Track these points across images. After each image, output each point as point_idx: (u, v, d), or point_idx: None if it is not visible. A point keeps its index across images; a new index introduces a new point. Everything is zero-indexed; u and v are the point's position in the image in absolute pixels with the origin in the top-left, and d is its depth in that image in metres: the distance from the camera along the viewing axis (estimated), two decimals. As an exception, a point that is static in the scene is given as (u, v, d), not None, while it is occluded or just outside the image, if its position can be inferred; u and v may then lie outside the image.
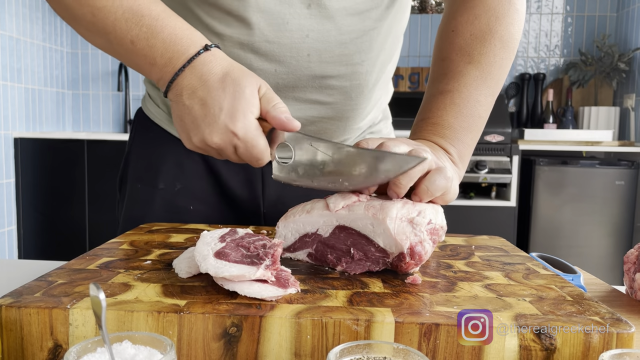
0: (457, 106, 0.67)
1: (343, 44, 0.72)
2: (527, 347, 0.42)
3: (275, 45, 0.70)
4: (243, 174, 0.82)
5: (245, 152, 0.57)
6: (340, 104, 0.77)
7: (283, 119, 0.55)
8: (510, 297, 0.49)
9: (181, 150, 0.80)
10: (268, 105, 0.56)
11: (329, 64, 0.73)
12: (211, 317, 0.43)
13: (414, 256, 0.53)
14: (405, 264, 0.53)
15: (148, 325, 0.43)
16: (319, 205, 0.58)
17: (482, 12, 0.70)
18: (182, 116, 0.58)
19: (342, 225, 0.56)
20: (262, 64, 0.72)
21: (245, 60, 0.71)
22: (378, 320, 0.42)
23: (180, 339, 0.43)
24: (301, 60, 0.72)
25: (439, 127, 0.67)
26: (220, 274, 0.46)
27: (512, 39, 0.71)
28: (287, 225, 0.59)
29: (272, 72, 0.72)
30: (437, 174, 0.56)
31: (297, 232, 0.59)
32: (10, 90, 2.83)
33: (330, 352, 0.37)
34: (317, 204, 0.59)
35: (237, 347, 0.43)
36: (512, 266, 0.60)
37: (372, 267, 0.55)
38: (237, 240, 0.54)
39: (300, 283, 0.50)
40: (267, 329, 0.43)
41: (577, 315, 0.45)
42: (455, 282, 0.53)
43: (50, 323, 0.43)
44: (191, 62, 0.57)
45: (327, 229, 0.57)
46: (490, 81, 0.69)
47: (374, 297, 0.48)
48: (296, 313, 0.43)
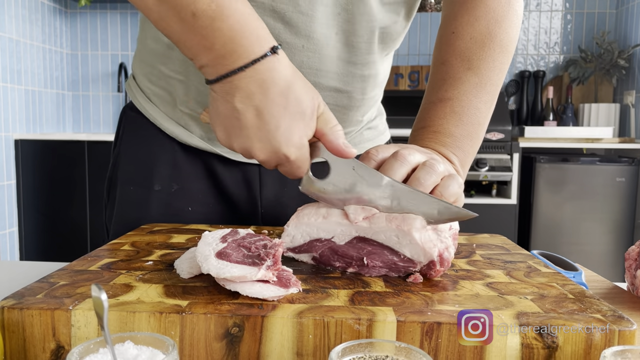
0: (458, 114, 0.67)
1: (371, 31, 0.72)
2: (529, 345, 0.42)
3: (308, 18, 0.68)
4: (241, 174, 0.81)
5: (286, 170, 0.56)
6: (356, 92, 0.76)
7: (341, 145, 0.53)
8: (512, 295, 0.49)
9: (176, 149, 0.79)
10: (325, 126, 0.54)
11: (354, 48, 0.72)
12: (213, 317, 0.43)
13: (443, 263, 0.53)
14: (435, 271, 0.53)
15: (150, 326, 0.43)
16: (336, 213, 0.57)
17: (483, 14, 0.70)
18: (227, 116, 0.53)
19: (362, 237, 0.56)
20: (291, 38, 0.69)
21: (273, 30, 0.67)
22: (380, 320, 0.43)
23: (183, 339, 0.43)
24: (330, 39, 0.70)
25: (440, 136, 0.68)
26: (222, 274, 0.46)
27: (511, 43, 0.71)
28: (299, 227, 0.58)
29: (299, 48, 0.70)
30: (451, 180, 0.56)
31: (308, 235, 0.58)
32: (11, 92, 2.83)
33: (332, 351, 0.37)
34: (333, 211, 0.57)
35: (239, 347, 0.43)
36: (514, 264, 0.60)
37: (390, 274, 0.55)
38: (238, 241, 0.54)
39: (301, 283, 0.50)
40: (269, 328, 0.43)
41: (578, 313, 0.45)
42: (456, 281, 0.53)
43: (53, 324, 0.43)
44: (254, 64, 0.52)
45: (344, 237, 0.56)
46: (490, 87, 0.69)
47: (376, 296, 0.48)
48: (298, 313, 0.43)
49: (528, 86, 3.28)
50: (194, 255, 0.53)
